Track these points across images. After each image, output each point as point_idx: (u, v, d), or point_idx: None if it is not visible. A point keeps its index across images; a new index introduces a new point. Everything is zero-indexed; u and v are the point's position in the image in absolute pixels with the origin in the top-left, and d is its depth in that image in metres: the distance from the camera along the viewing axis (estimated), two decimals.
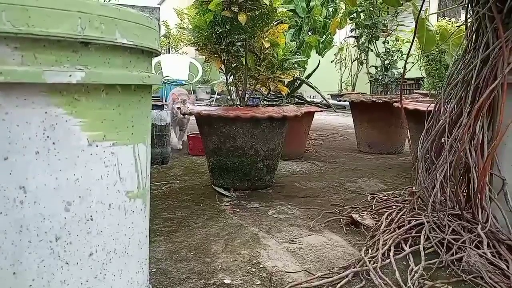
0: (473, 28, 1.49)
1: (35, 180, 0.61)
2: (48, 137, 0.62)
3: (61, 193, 0.64)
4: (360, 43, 3.46)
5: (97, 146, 0.68)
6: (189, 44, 2.17)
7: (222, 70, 2.22)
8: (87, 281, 0.68)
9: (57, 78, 0.60)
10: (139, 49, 0.74)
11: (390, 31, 3.39)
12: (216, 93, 6.98)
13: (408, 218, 1.46)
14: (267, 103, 2.91)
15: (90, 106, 0.66)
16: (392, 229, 1.42)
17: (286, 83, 2.75)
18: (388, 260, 1.24)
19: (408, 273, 1.16)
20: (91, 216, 0.68)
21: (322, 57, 3.63)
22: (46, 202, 0.62)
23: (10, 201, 0.59)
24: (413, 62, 3.65)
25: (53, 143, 0.62)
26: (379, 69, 3.43)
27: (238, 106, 2.18)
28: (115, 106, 0.71)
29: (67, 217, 0.65)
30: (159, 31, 0.88)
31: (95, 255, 0.69)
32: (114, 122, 0.71)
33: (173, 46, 9.61)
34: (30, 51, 0.58)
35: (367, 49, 3.42)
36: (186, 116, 2.90)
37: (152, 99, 0.83)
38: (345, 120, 6.02)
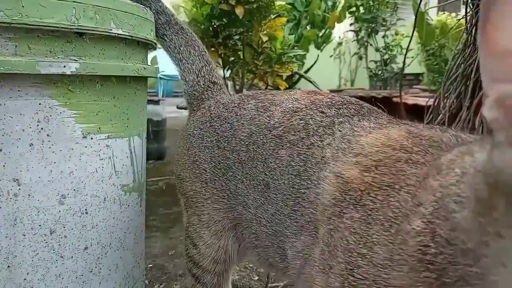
0: (473, 22, 1.48)
1: (29, 172, 0.60)
2: (42, 129, 0.61)
3: (55, 186, 0.63)
4: (359, 37, 3.45)
5: (91, 138, 0.67)
6: None
7: (219, 64, 2.20)
8: (82, 275, 0.68)
9: (51, 69, 0.59)
10: (135, 40, 0.73)
11: (390, 25, 3.38)
12: None
13: None
14: None
15: (85, 97, 0.65)
16: None
17: (284, 77, 2.73)
18: None
19: None
20: (85, 209, 0.67)
21: (321, 51, 3.61)
22: (40, 195, 0.61)
23: (4, 194, 0.58)
24: (412, 57, 3.64)
25: (47, 135, 0.61)
26: (378, 64, 3.42)
27: None
28: (110, 98, 0.70)
29: (62, 210, 0.64)
30: (155, 23, 0.87)
31: (90, 249, 0.68)
32: (109, 114, 0.70)
33: None
34: (24, 41, 0.57)
35: (366, 44, 3.40)
36: None
37: (148, 94, 0.82)
38: None
